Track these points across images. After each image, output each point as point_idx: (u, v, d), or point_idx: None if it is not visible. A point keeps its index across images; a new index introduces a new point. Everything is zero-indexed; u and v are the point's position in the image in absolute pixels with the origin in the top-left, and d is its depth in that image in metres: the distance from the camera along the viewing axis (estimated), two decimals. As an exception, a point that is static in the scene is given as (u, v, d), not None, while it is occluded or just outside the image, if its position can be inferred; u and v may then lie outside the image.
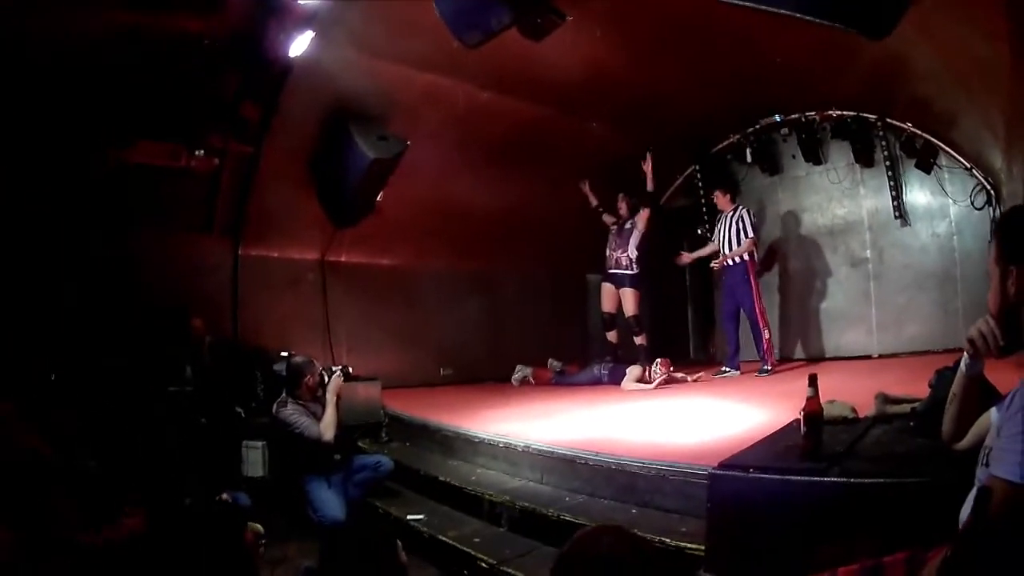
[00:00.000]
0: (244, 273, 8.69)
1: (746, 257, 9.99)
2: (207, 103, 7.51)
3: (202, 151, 7.59)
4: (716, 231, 10.43)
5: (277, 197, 8.57)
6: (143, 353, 7.13)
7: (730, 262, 10.13)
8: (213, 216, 8.36)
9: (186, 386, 7.22)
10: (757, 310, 9.90)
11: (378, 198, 8.69)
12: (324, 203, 8.79)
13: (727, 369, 10.14)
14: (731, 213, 10.20)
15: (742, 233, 9.99)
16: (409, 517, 5.92)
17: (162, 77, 7.05)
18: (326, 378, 6.66)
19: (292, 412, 6.37)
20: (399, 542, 2.79)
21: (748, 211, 10.17)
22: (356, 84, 8.08)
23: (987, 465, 2.29)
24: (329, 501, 6.17)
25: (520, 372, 10.82)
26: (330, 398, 6.49)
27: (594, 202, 10.66)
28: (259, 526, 5.62)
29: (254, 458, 6.67)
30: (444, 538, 5.46)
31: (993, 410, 2.48)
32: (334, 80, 7.96)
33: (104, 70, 6.75)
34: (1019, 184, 7.15)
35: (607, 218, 10.59)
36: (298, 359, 6.75)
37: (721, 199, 10.35)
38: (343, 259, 9.65)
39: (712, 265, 10.51)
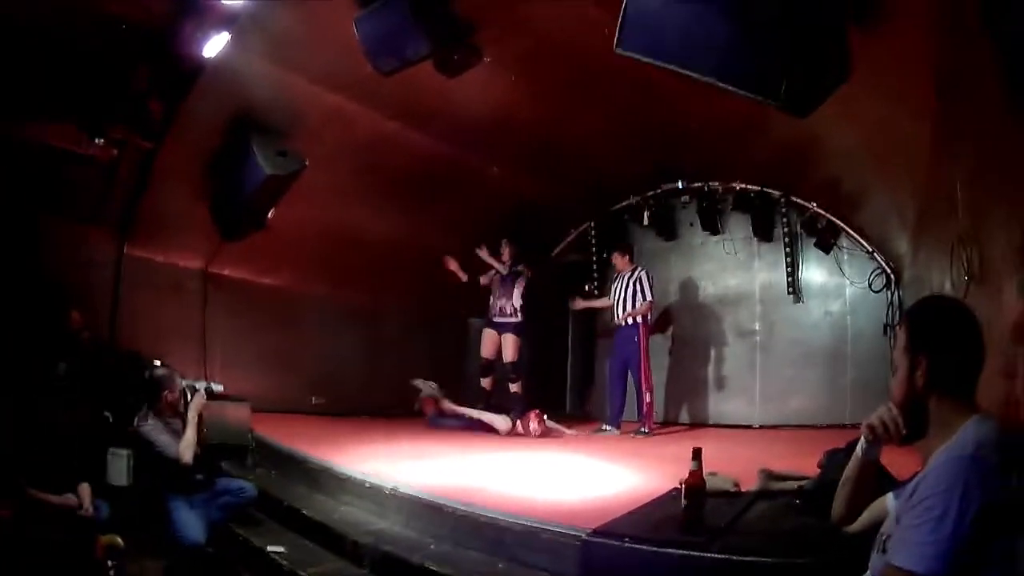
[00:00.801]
0: (127, 273, 8.41)
1: (639, 320, 10.05)
2: (114, 91, 7.27)
3: (102, 140, 7.34)
4: (612, 290, 10.47)
5: (170, 199, 8.32)
6: (17, 342, 6.83)
7: (624, 322, 10.18)
8: (104, 209, 8.06)
9: (59, 381, 6.94)
10: (643, 373, 9.94)
11: (269, 215, 8.52)
12: (215, 212, 8.55)
13: (607, 427, 10.13)
14: (628, 274, 10.26)
15: (639, 295, 10.06)
16: (269, 549, 5.73)
17: (73, 55, 6.82)
18: (188, 395, 6.43)
19: (152, 428, 6.12)
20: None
21: (647, 273, 10.25)
22: (264, 95, 7.88)
23: (884, 552, 2.29)
24: (190, 522, 5.88)
25: (426, 385, 10.73)
26: (191, 417, 6.23)
27: (462, 276, 10.58)
28: (118, 538, 5.43)
29: (118, 466, 6.41)
30: (303, 574, 5.31)
31: (890, 496, 2.51)
32: (243, 87, 7.75)
33: (14, 36, 6.49)
34: (923, 269, 7.35)
35: (484, 280, 10.62)
36: (160, 371, 6.56)
37: (619, 259, 10.43)
38: (226, 273, 9.41)
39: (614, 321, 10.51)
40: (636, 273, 10.21)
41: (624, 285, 10.22)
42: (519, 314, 10.37)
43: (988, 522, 2.04)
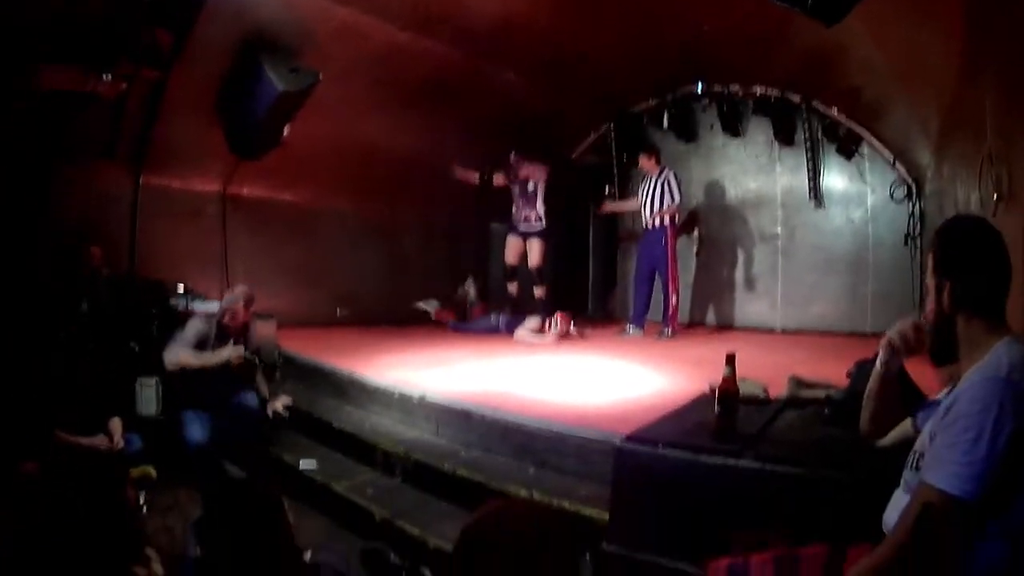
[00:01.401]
0: (144, 203, 8.35)
1: (667, 221, 9.97)
2: (119, 25, 7.13)
3: (110, 75, 7.24)
4: (640, 191, 10.36)
5: (183, 125, 8.20)
6: (38, 285, 6.85)
7: (651, 224, 10.13)
8: (117, 143, 7.97)
9: (81, 319, 6.92)
10: (670, 275, 9.91)
11: (284, 132, 8.44)
12: (229, 134, 8.47)
13: (631, 328, 10.16)
14: (656, 176, 10.13)
15: (667, 196, 9.95)
16: (302, 464, 5.80)
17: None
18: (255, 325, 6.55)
19: (194, 324, 6.21)
20: (285, 503, 2.70)
21: (674, 174, 10.12)
22: (271, 14, 7.70)
23: (917, 469, 2.29)
24: (193, 425, 5.94)
25: (425, 304, 10.94)
26: (230, 351, 6.15)
27: (473, 178, 10.63)
28: (151, 469, 5.46)
29: (147, 396, 6.43)
30: (337, 488, 5.37)
31: (921, 414, 2.49)
32: (249, 9, 7.58)
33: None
34: (947, 184, 7.22)
35: (498, 179, 10.53)
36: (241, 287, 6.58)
37: (646, 162, 10.27)
38: (244, 192, 9.37)
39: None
40: (663, 175, 10.08)
41: (651, 187, 10.11)
42: (543, 220, 10.35)
43: (1020, 446, 2.04)
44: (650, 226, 10.16)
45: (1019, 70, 4.25)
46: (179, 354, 6.04)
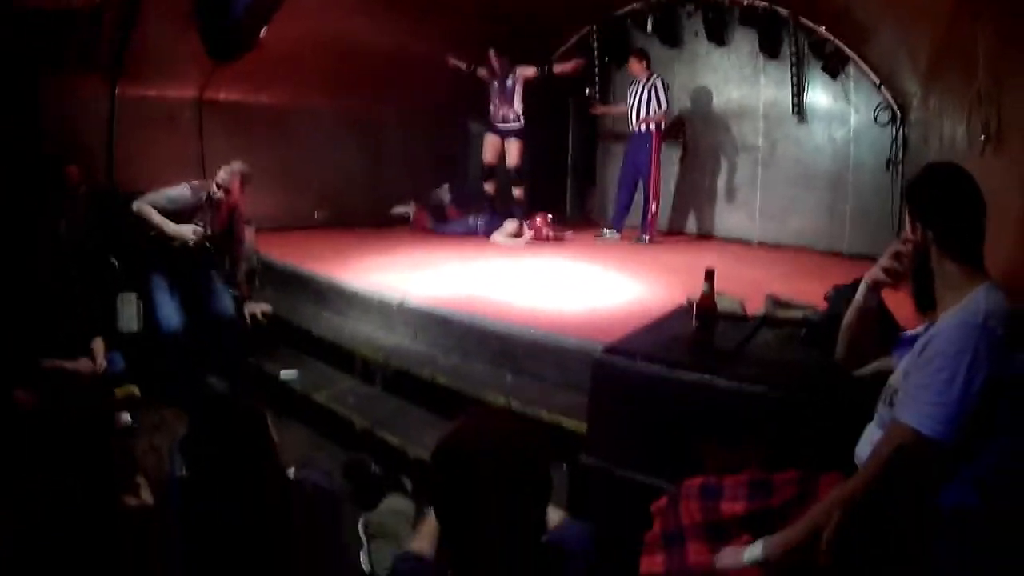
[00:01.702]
0: (121, 114, 8.16)
1: (653, 127, 9.96)
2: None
3: (84, -13, 7.11)
4: (628, 95, 10.32)
5: (159, 32, 7.94)
6: (15, 203, 6.77)
7: (638, 129, 10.11)
8: (94, 54, 7.75)
9: (60, 238, 6.84)
10: (652, 181, 9.94)
11: (262, 34, 8.31)
12: (205, 37, 8.25)
13: (607, 231, 10.25)
14: (644, 80, 10.08)
15: (654, 102, 9.92)
16: (282, 374, 5.86)
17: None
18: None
19: (180, 190, 6.23)
20: (268, 418, 2.75)
21: (663, 80, 10.08)
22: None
23: (891, 405, 2.35)
24: (165, 304, 5.96)
25: (401, 207, 10.95)
26: (190, 231, 6.14)
27: (463, 66, 10.45)
28: (134, 388, 5.47)
29: (128, 312, 6.36)
30: (317, 398, 5.44)
31: (898, 350, 2.55)
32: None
33: None
34: (933, 115, 7.19)
35: (482, 72, 10.36)
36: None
37: (636, 65, 10.20)
38: (221, 96, 9.18)
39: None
40: (652, 80, 10.03)
41: (639, 91, 10.08)
42: (521, 119, 10.25)
43: (992, 392, 2.11)
44: (636, 130, 10.15)
45: (1015, 14, 4.24)
46: (143, 204, 6.07)
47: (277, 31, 8.15)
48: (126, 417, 5.17)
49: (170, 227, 6.01)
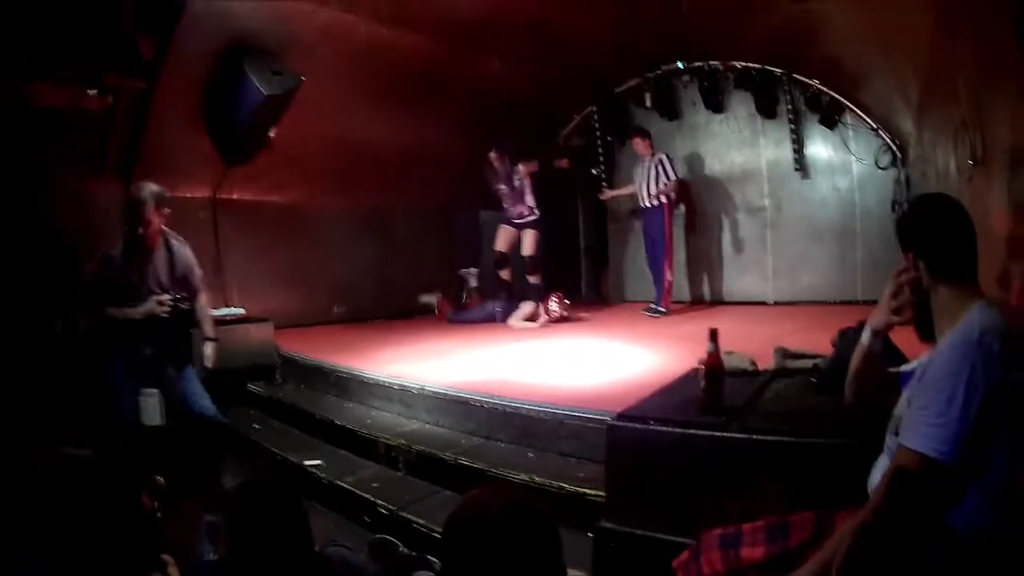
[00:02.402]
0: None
1: (663, 200, 10.07)
2: (101, 39, 7.16)
3: (96, 90, 7.29)
4: (636, 174, 10.45)
5: (169, 135, 8.20)
6: (31, 297, 6.87)
7: (649, 204, 10.22)
8: (105, 157, 7.95)
9: (79, 336, 6.88)
10: (666, 252, 10.04)
11: (271, 134, 8.50)
12: (216, 140, 8.48)
13: (653, 306, 10.25)
14: (650, 158, 10.21)
15: (662, 176, 10.04)
16: (307, 463, 5.89)
17: (56, 10, 6.72)
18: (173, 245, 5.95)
19: (99, 264, 5.66)
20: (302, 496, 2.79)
21: (668, 155, 10.22)
22: (253, 19, 7.73)
23: (897, 433, 2.38)
24: (125, 397, 5.55)
25: (428, 296, 11.03)
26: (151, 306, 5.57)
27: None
28: (160, 478, 5.50)
29: (151, 407, 6.38)
30: (343, 484, 5.45)
31: (903, 379, 2.57)
32: (230, 15, 7.58)
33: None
34: (928, 149, 7.28)
35: (489, 172, 10.48)
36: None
37: (641, 145, 10.34)
38: (235, 196, 9.36)
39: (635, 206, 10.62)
40: (656, 156, 10.18)
41: (646, 169, 10.20)
42: (536, 211, 10.38)
43: (992, 408, 2.13)
44: (647, 205, 10.25)
45: (990, 37, 4.33)
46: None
47: (286, 131, 8.37)
48: (154, 504, 5.17)
49: (136, 312, 5.57)
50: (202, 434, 5.79)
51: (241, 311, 8.32)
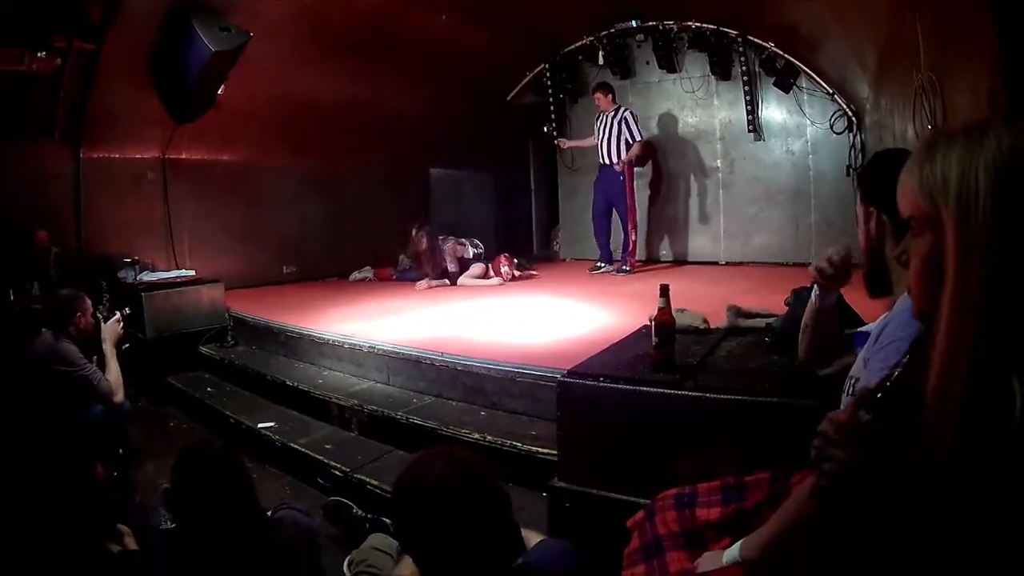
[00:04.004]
0: (86, 177, 8.18)
1: (627, 159, 10.03)
2: (49, 1, 7.02)
3: (44, 52, 7.12)
4: (596, 128, 10.35)
5: (118, 95, 8.06)
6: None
7: (609, 161, 10.16)
8: (54, 120, 7.81)
9: (33, 303, 6.74)
10: (629, 212, 10.03)
11: (219, 92, 8.38)
12: (165, 99, 8.34)
13: (601, 265, 10.35)
14: (612, 114, 10.11)
15: (624, 134, 9.98)
16: (260, 425, 5.86)
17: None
18: (101, 321, 5.50)
19: (75, 350, 5.14)
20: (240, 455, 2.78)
21: (632, 112, 10.17)
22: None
23: (852, 395, 2.34)
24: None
25: (360, 273, 10.81)
26: (109, 349, 5.37)
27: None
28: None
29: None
30: (296, 446, 5.43)
31: (859, 341, 2.57)
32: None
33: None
34: (885, 116, 7.30)
35: (413, 252, 10.20)
36: (66, 292, 5.49)
37: (602, 99, 10.22)
38: (184, 156, 9.19)
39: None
40: (620, 113, 10.08)
41: (608, 124, 10.11)
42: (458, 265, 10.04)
43: None
44: (607, 163, 10.19)
45: (950, 4, 4.34)
46: (113, 383, 5.30)
47: (234, 90, 8.25)
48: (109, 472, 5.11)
49: (106, 344, 5.42)
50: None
51: (192, 273, 8.21)
